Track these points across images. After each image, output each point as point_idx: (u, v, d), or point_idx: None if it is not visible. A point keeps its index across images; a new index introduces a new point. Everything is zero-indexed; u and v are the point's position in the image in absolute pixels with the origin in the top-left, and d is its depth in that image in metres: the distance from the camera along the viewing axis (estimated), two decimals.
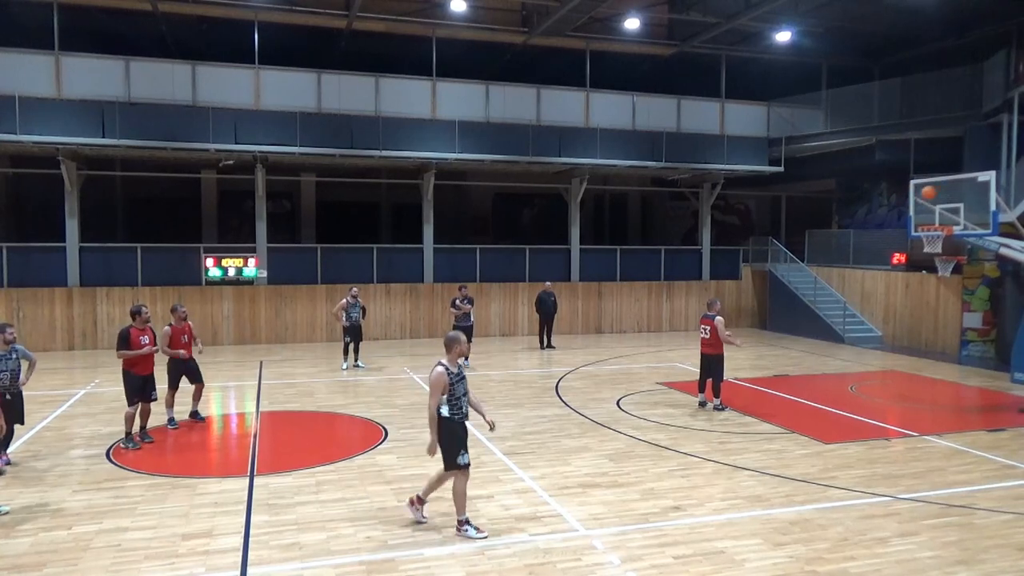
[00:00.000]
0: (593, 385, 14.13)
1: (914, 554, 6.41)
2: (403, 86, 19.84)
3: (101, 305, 18.57)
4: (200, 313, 19.18)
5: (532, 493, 7.92)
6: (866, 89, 22.08)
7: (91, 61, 17.79)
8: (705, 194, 24.13)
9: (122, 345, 9.40)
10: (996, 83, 18.27)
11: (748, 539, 6.70)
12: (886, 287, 20.73)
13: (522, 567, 6.10)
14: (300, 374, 15.16)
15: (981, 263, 17.84)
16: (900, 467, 8.95)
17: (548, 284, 19.61)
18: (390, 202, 26.10)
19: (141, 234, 21.27)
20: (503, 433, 10.42)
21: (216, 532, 6.78)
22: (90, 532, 6.75)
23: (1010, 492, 8.10)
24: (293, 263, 20.33)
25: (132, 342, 9.41)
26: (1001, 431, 10.82)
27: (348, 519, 7.10)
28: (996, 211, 13.68)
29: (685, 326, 23.48)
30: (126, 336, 9.41)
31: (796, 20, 20.22)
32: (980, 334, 18.08)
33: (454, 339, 7.04)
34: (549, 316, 19.01)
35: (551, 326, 19.19)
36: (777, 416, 11.53)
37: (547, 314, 18.97)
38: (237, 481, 8.26)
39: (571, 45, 21.63)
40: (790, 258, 24.02)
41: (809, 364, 16.99)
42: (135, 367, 9.51)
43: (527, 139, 20.48)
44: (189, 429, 10.70)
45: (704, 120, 22.59)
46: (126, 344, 9.39)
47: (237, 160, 19.43)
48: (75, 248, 18.42)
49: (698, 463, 9.06)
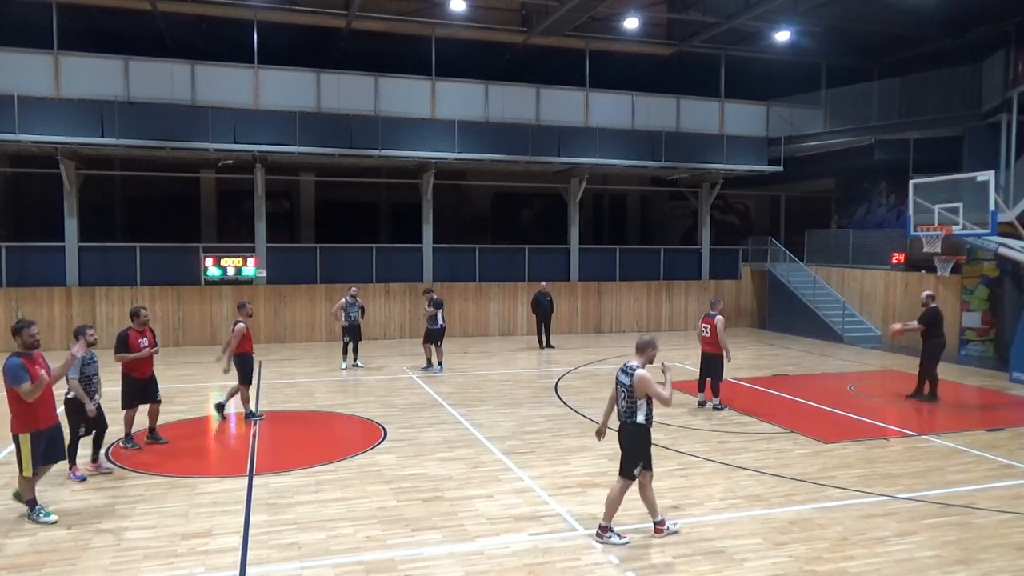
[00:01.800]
0: (592, 385, 14.14)
1: (913, 553, 6.42)
2: (402, 86, 19.83)
3: (100, 305, 18.56)
4: (199, 313, 19.20)
5: (531, 493, 7.92)
6: (865, 89, 22.10)
7: (90, 61, 17.77)
8: (704, 194, 24.13)
9: (120, 348, 9.23)
10: (995, 83, 18.28)
11: (747, 538, 6.70)
12: (885, 287, 20.74)
13: (521, 567, 6.09)
14: (299, 374, 15.16)
15: (980, 263, 17.85)
16: (899, 467, 8.96)
17: (543, 284, 19.61)
18: (389, 202, 26.11)
19: (140, 234, 21.28)
20: (502, 432, 10.43)
21: (215, 532, 6.78)
22: (89, 532, 6.75)
23: (1009, 491, 8.10)
24: (292, 263, 20.32)
25: (131, 345, 9.25)
26: (1000, 431, 10.83)
27: (347, 519, 7.09)
28: (995, 211, 13.71)
29: (684, 326, 23.48)
30: (124, 339, 9.26)
31: (795, 20, 20.22)
32: (979, 333, 18.09)
33: (648, 343, 6.57)
34: (546, 316, 19.03)
35: (549, 325, 19.20)
36: (776, 416, 11.53)
37: (543, 314, 18.99)
38: (236, 481, 8.26)
39: (570, 45, 21.63)
40: (789, 258, 24.03)
41: (808, 364, 17.00)
42: (135, 370, 9.38)
43: (526, 139, 20.48)
44: (188, 429, 10.69)
45: (703, 120, 22.58)
46: (124, 347, 9.23)
47: (236, 160, 19.42)
48: (74, 248, 18.41)
49: (697, 463, 9.06)
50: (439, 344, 15.42)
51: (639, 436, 6.51)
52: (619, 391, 6.57)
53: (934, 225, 14.94)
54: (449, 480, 8.30)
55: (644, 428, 6.50)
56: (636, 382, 6.36)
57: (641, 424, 6.47)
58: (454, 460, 9.08)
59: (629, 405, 6.45)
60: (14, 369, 6.78)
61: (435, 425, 10.87)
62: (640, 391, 6.38)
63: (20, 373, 6.77)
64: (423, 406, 12.15)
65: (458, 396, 12.95)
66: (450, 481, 8.27)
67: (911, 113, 20.63)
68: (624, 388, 6.47)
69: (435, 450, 9.53)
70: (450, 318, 21.16)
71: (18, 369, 6.78)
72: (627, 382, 6.43)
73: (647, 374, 6.40)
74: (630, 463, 6.51)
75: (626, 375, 6.45)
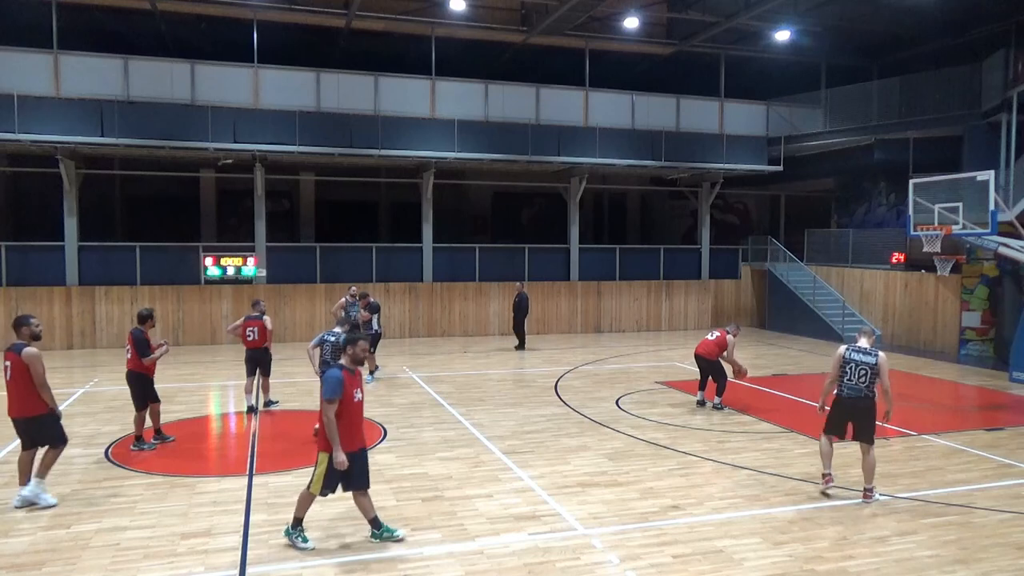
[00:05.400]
0: (592, 384, 14.14)
1: (913, 553, 6.42)
2: (402, 85, 19.83)
3: (100, 304, 18.56)
4: (199, 312, 19.20)
5: (531, 492, 7.92)
6: (865, 88, 22.09)
7: (90, 60, 17.76)
8: (704, 193, 24.13)
9: (146, 350, 9.31)
10: (995, 82, 18.28)
11: (747, 538, 6.70)
12: (885, 286, 20.75)
13: (521, 566, 6.09)
14: (300, 373, 15.15)
15: (980, 262, 17.85)
16: (899, 466, 8.97)
17: (519, 284, 19.56)
18: (389, 201, 26.09)
19: (140, 233, 21.27)
20: (502, 432, 10.43)
21: (215, 531, 6.78)
22: (89, 531, 6.75)
23: (1008, 491, 8.11)
24: (292, 262, 20.31)
25: (151, 346, 9.41)
26: (999, 430, 10.84)
27: (347, 518, 7.09)
28: (995, 210, 13.69)
29: (684, 325, 23.48)
30: (147, 341, 9.36)
31: (795, 19, 20.22)
32: (979, 333, 18.11)
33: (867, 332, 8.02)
34: (524, 316, 19.02)
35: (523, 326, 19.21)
36: (776, 415, 11.54)
37: (522, 315, 18.99)
38: (236, 480, 8.26)
39: (570, 44, 21.61)
40: (789, 257, 24.03)
41: (808, 363, 17.00)
42: (150, 371, 9.49)
43: (526, 138, 20.47)
44: (188, 429, 10.69)
45: (703, 119, 22.57)
46: (148, 348, 9.34)
47: (236, 159, 19.41)
48: (74, 247, 18.39)
49: (697, 462, 9.07)
50: (372, 351, 14.51)
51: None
52: (858, 370, 7.64)
53: (934, 225, 14.91)
54: (449, 480, 8.30)
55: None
56: (881, 363, 7.59)
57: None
58: (454, 460, 9.08)
59: (870, 383, 7.62)
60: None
61: (435, 425, 10.87)
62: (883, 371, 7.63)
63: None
64: (423, 405, 12.15)
65: (458, 396, 12.95)
66: (450, 481, 8.27)
67: (911, 112, 20.64)
68: (867, 367, 7.60)
69: (435, 449, 9.53)
70: (450, 317, 21.22)
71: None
72: (873, 362, 7.59)
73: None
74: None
75: (870, 355, 7.64)
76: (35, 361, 7.26)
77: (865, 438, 7.69)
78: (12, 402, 7.40)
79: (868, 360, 7.59)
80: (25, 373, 7.24)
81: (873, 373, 7.55)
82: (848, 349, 7.74)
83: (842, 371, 7.70)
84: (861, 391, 7.62)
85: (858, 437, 7.73)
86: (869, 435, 7.69)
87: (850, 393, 7.66)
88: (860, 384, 7.61)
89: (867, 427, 7.69)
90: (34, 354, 7.28)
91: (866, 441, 7.69)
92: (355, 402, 6.34)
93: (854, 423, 7.71)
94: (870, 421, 7.68)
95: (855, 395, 7.65)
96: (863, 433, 7.69)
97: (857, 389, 7.63)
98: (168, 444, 9.67)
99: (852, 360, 7.66)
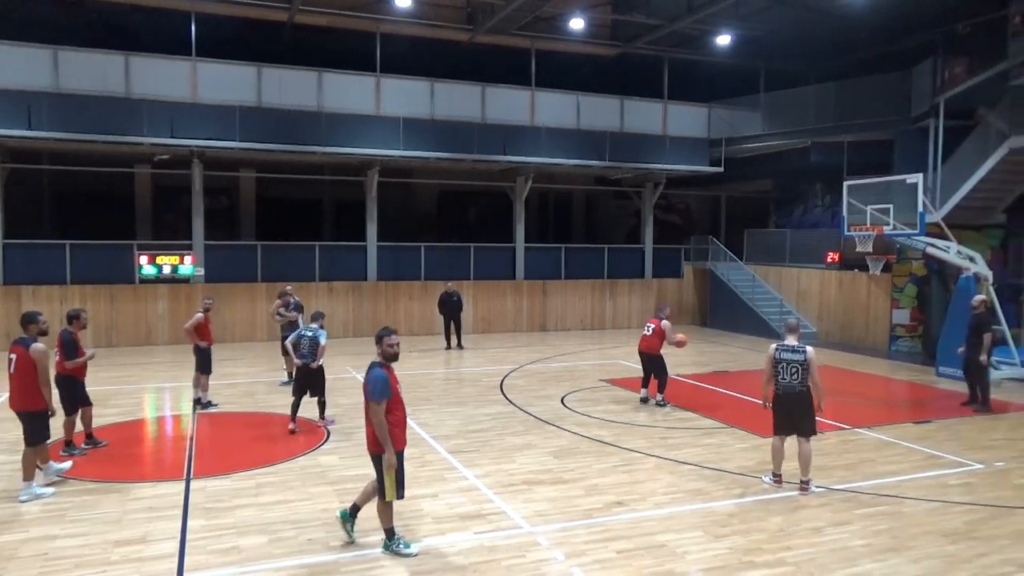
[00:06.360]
0: (538, 382, 14.19)
1: (847, 543, 6.62)
2: (346, 82, 19.55)
3: (27, 304, 17.69)
4: (134, 312, 18.58)
5: (476, 491, 7.90)
6: (802, 93, 22.72)
7: (17, 49, 16.94)
8: (648, 193, 24.48)
9: (73, 352, 8.90)
10: (924, 89, 19.01)
11: (689, 532, 6.82)
12: (820, 285, 21.38)
13: (467, 565, 6.08)
14: (240, 374, 14.82)
15: (909, 262, 18.54)
16: (833, 459, 9.24)
17: (450, 284, 19.50)
18: (333, 199, 25.68)
19: (70, 231, 20.44)
20: (447, 431, 10.39)
21: (150, 538, 6.57)
22: (15, 541, 6.46)
23: (936, 481, 8.44)
24: (231, 261, 19.84)
25: (80, 348, 9.01)
26: (927, 423, 11.27)
27: (290, 521, 6.96)
28: (923, 212, 14.26)
29: (628, 324, 23.77)
30: (75, 343, 8.95)
31: (736, 24, 20.66)
32: (908, 330, 18.81)
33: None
34: (454, 315, 18.96)
35: (460, 325, 19.08)
36: (717, 411, 11.77)
37: (450, 313, 18.93)
38: (172, 485, 8.02)
39: (516, 44, 21.65)
40: (730, 257, 24.55)
41: (747, 360, 17.39)
42: (80, 374, 9.10)
43: (472, 137, 20.42)
44: (122, 433, 10.33)
45: (647, 120, 22.88)
46: (76, 351, 8.94)
47: (173, 155, 18.85)
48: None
49: (640, 458, 9.18)
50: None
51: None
52: (789, 368, 7.94)
53: (866, 225, 15.46)
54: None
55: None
56: (810, 358, 7.93)
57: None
58: None
59: (803, 378, 7.95)
60: None
61: None
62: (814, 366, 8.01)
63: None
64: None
65: (403, 395, 12.80)
66: None
67: (845, 117, 21.30)
68: (797, 364, 7.91)
69: None
70: (395, 317, 21.00)
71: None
72: (802, 359, 7.90)
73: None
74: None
75: (798, 352, 7.94)
76: (43, 357, 7.54)
77: (806, 430, 8.01)
78: (14, 395, 7.65)
79: (797, 358, 7.94)
80: (31, 369, 7.49)
81: (804, 369, 7.91)
82: (778, 349, 8.06)
83: (775, 370, 8.04)
84: (795, 387, 7.97)
85: (799, 430, 8.01)
86: (810, 427, 8.02)
87: (787, 390, 8.01)
88: (794, 381, 7.97)
89: (807, 419, 8.02)
90: (42, 350, 7.58)
91: (807, 433, 8.00)
92: (401, 400, 6.37)
93: (794, 417, 8.02)
94: (809, 413, 8.01)
95: (791, 391, 8.00)
96: (803, 425, 8.01)
97: (791, 386, 7.98)
98: (100, 448, 9.34)
99: (783, 360, 8.00)
